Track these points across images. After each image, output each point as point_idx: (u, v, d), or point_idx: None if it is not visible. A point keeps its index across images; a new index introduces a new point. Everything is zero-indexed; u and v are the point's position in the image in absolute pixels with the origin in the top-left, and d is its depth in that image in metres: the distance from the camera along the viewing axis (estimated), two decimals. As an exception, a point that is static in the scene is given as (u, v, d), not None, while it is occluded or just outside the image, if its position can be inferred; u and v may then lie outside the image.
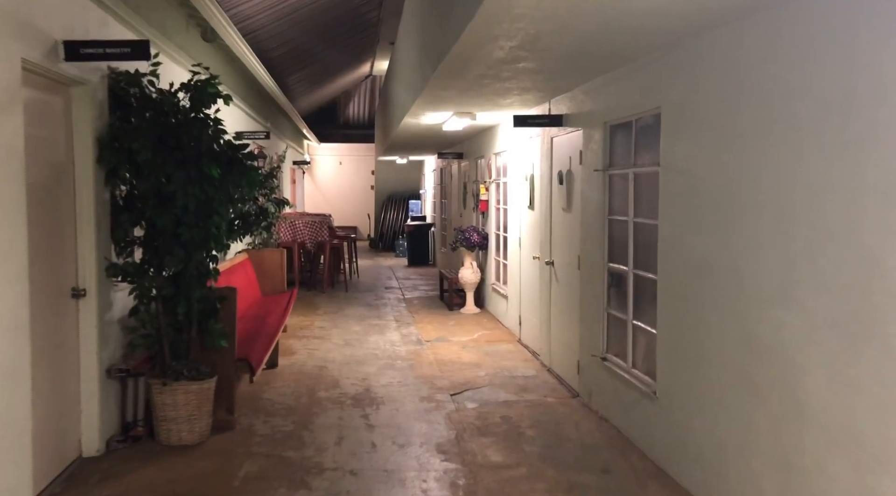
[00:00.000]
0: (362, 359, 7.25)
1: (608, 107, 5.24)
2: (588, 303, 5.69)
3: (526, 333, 7.88)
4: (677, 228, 4.17)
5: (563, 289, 6.43)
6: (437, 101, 6.79)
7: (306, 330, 8.66)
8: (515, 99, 6.53)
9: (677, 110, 4.17)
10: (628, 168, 4.95)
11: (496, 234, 9.59)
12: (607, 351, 5.38)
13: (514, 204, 8.39)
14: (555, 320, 6.71)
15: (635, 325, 4.88)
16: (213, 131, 4.78)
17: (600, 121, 5.38)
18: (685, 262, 4.07)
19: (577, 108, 5.95)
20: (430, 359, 7.23)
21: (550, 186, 6.76)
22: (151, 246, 4.67)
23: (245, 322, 6.70)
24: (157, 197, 4.50)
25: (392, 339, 8.20)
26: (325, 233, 11.96)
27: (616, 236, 5.26)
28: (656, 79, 4.43)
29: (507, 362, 7.13)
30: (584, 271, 5.77)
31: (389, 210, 21.45)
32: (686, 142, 4.07)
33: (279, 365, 6.84)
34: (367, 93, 22.91)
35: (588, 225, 5.67)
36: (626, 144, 5.06)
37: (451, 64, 4.93)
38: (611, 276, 5.35)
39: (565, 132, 6.31)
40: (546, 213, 6.90)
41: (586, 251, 5.72)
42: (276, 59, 13.01)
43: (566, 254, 6.32)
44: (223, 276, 6.76)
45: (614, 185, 5.28)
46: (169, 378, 4.60)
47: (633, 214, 4.88)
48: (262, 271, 8.43)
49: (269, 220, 8.38)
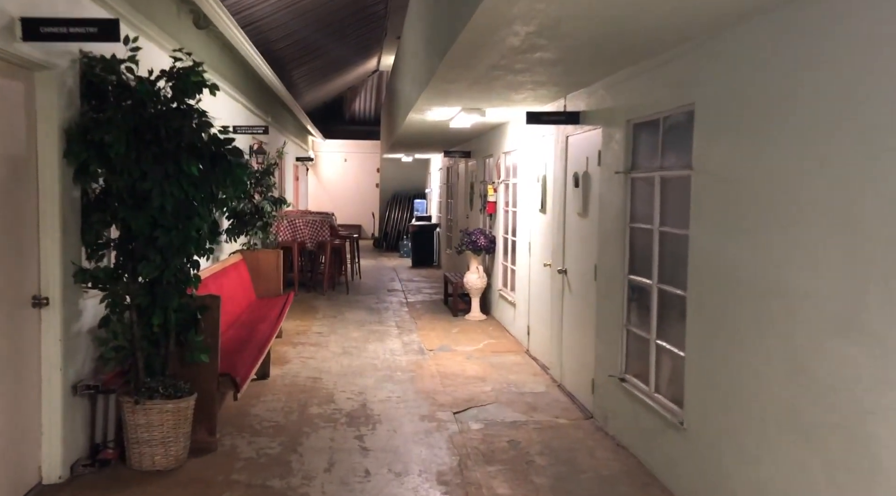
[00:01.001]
0: (360, 369, 6.79)
1: (632, 103, 4.77)
2: (605, 317, 5.22)
3: (535, 344, 7.41)
4: (712, 240, 3.70)
5: (577, 301, 5.96)
6: (444, 95, 6.33)
7: (303, 335, 8.21)
8: (529, 94, 6.06)
9: (714, 106, 3.69)
10: (654, 171, 4.48)
11: (504, 238, 9.12)
12: (626, 371, 4.91)
13: (524, 206, 7.93)
14: (567, 333, 6.24)
15: (659, 345, 4.41)
16: (198, 124, 4.33)
17: (622, 118, 4.90)
18: (722, 279, 3.60)
19: (596, 105, 5.48)
20: (432, 371, 6.77)
21: (564, 189, 6.29)
22: (126, 249, 4.23)
23: (235, 328, 6.26)
24: (132, 196, 4.06)
25: (392, 348, 7.74)
26: (326, 232, 11.52)
27: (638, 246, 4.79)
28: (689, 71, 3.95)
29: (514, 376, 6.67)
30: (602, 282, 5.30)
31: (394, 209, 21.01)
32: (725, 142, 3.59)
33: (271, 375, 6.40)
34: (373, 88, 22.46)
35: (606, 232, 5.20)
36: (651, 145, 4.58)
37: (460, 53, 4.46)
38: (631, 290, 4.88)
39: (582, 131, 5.84)
40: (559, 217, 6.43)
41: (604, 261, 5.25)
42: (279, 52, 12.57)
43: (581, 262, 5.85)
44: (213, 279, 6.33)
45: (637, 189, 4.81)
46: (142, 396, 4.16)
47: (659, 222, 4.41)
48: (257, 273, 7.99)
49: (266, 220, 7.93)
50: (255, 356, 5.32)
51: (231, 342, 5.65)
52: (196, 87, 4.36)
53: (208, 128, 4.37)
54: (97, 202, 4.20)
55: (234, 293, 6.93)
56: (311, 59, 14.71)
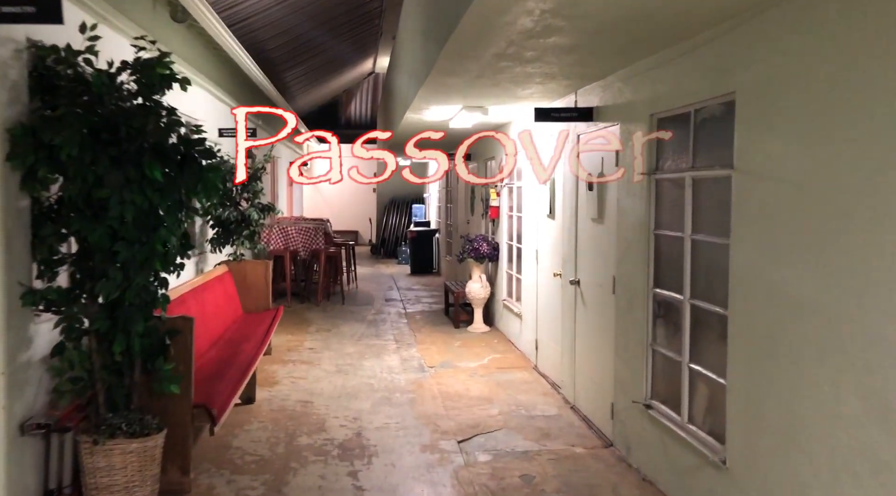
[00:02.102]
0: (355, 391, 6.25)
1: (656, 96, 4.25)
2: (626, 334, 4.69)
3: (544, 360, 6.88)
4: (761, 251, 3.17)
5: (593, 315, 5.43)
6: (444, 91, 5.80)
7: (294, 352, 7.67)
8: (536, 89, 5.54)
9: (761, 94, 3.17)
10: (684, 171, 3.95)
11: (508, 245, 8.59)
12: (652, 396, 4.38)
13: (530, 211, 7.40)
14: (581, 350, 5.70)
15: (693, 370, 3.88)
16: (167, 123, 3.80)
17: (644, 113, 4.38)
18: (773, 296, 3.07)
19: (612, 99, 4.96)
20: (433, 392, 6.23)
21: (576, 192, 5.76)
22: (85, 266, 3.69)
23: (218, 348, 5.73)
24: (88, 204, 3.52)
25: (391, 365, 7.20)
26: (320, 240, 10.98)
27: (665, 256, 4.27)
28: (730, 55, 3.43)
29: (523, 396, 6.13)
30: (621, 296, 4.77)
31: (392, 214, 20.48)
32: (775, 137, 3.07)
33: (257, 399, 5.85)
34: (369, 91, 21.97)
35: (627, 240, 4.67)
36: (680, 142, 4.06)
37: (463, 40, 3.95)
38: (657, 305, 4.35)
39: (596, 128, 5.31)
40: (570, 223, 5.90)
41: (624, 272, 4.72)
42: (270, 52, 12.06)
43: (597, 273, 5.32)
44: (194, 295, 5.79)
45: (664, 192, 4.29)
46: (102, 434, 3.61)
47: (691, 230, 3.88)
48: (244, 286, 7.45)
49: (253, 228, 7.39)
50: (237, 382, 4.78)
51: (211, 365, 5.12)
52: (165, 81, 3.83)
53: (178, 127, 3.85)
54: (50, 212, 3.66)
55: (217, 309, 6.39)
56: (305, 59, 14.20)
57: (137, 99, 3.73)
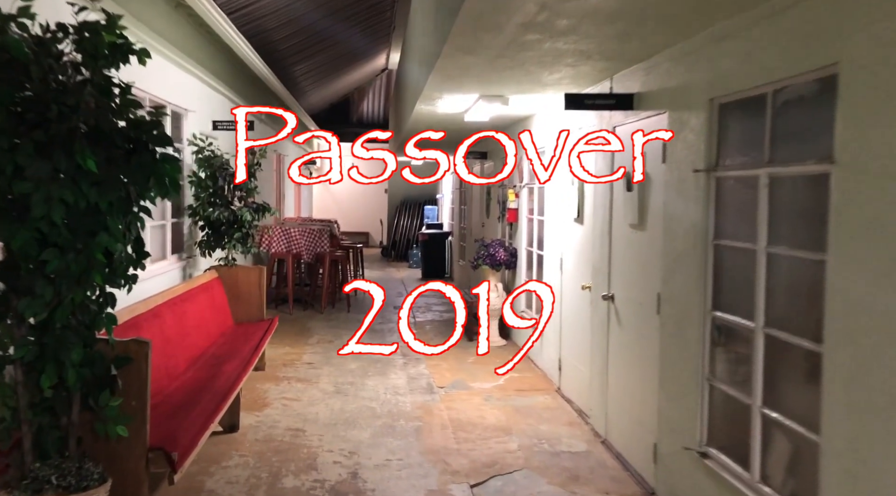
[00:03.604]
0: (354, 416, 5.50)
1: (718, 75, 3.47)
2: (674, 363, 3.91)
3: (568, 383, 6.10)
4: (874, 271, 2.39)
5: (630, 337, 4.65)
6: (458, 75, 5.05)
7: (290, 367, 6.94)
8: (566, 73, 4.77)
9: (878, 67, 2.39)
10: (758, 167, 3.17)
11: (528, 251, 7.81)
12: (709, 442, 3.59)
13: (553, 215, 6.62)
14: (615, 375, 4.92)
15: (768, 417, 3.09)
16: (121, 103, 3.08)
17: (702, 97, 3.60)
18: (893, 330, 2.29)
19: (658, 83, 4.18)
20: (442, 419, 5.47)
21: (610, 194, 4.99)
22: (11, 278, 2.97)
23: (196, 368, 5.01)
24: (8, 202, 2.81)
25: (396, 384, 6.45)
26: (324, 242, 10.26)
27: (729, 272, 3.49)
28: (828, 17, 2.65)
29: (545, 426, 5.35)
30: (669, 317, 3.99)
31: (403, 216, 19.74)
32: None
33: (241, 426, 5.12)
34: (381, 88, 21.24)
35: (676, 251, 3.89)
36: (752, 131, 3.28)
37: (481, 6, 3.20)
38: (717, 331, 3.57)
39: (636, 118, 4.54)
40: (603, 229, 5.12)
41: (673, 289, 3.94)
42: (278, 43, 11.37)
43: (636, 288, 4.55)
44: (171, 306, 5.08)
45: (726, 193, 3.51)
46: (26, 489, 2.89)
47: (767, 240, 3.10)
48: (235, 294, 6.73)
49: (245, 230, 6.67)
50: (210, 414, 4.05)
51: (183, 391, 4.39)
52: (117, 52, 3.11)
53: (134, 109, 3.12)
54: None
55: (201, 321, 5.68)
56: (314, 53, 13.50)
57: (81, 73, 3.02)
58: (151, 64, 5.87)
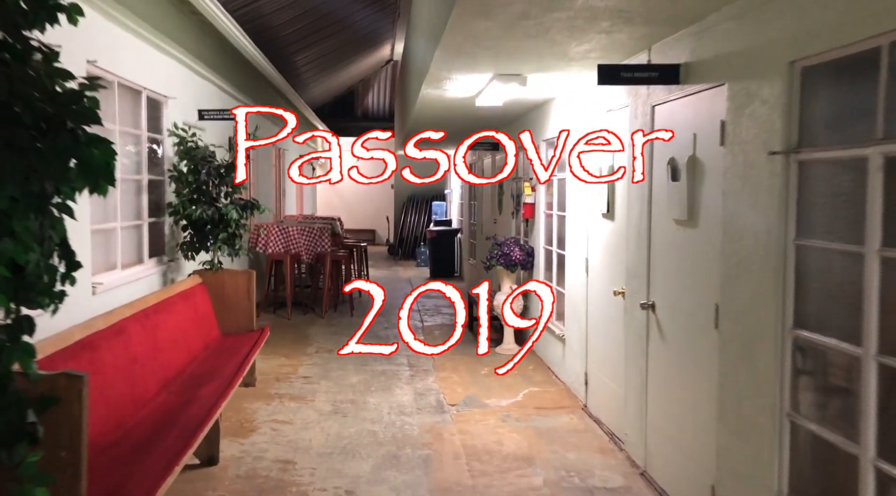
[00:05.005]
0: (353, 443, 4.80)
1: (803, 31, 2.73)
2: (739, 391, 3.18)
3: (596, 400, 5.38)
4: None
5: (677, 354, 3.93)
6: (470, 47, 4.32)
7: (284, 382, 6.24)
8: (598, 42, 4.04)
9: None
10: (866, 144, 2.43)
11: (546, 250, 7.09)
12: (790, 492, 2.87)
13: (577, 209, 5.89)
14: (656, 397, 4.20)
15: (885, 472, 2.36)
16: (45, 72, 2.38)
17: (779, 61, 2.87)
18: None
19: (713, 49, 3.45)
20: (455, 446, 4.76)
21: (650, 184, 4.25)
22: None
23: (169, 391, 4.34)
24: None
25: (402, 402, 5.75)
26: (325, 242, 9.56)
27: (817, 281, 2.76)
28: None
29: (573, 454, 4.64)
30: (732, 334, 3.27)
31: (411, 212, 19.03)
32: None
33: (221, 458, 4.41)
34: (387, 80, 20.53)
35: (741, 253, 3.16)
36: (854, 100, 2.55)
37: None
38: (802, 355, 2.84)
39: (682, 94, 3.81)
40: (640, 225, 4.39)
41: (737, 299, 3.21)
42: (277, 29, 10.67)
43: (685, 296, 3.82)
44: (141, 319, 4.41)
45: (812, 179, 2.78)
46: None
47: (882, 241, 2.37)
48: (222, 301, 6.05)
49: (232, 230, 5.97)
50: (178, 452, 3.35)
51: (147, 423, 3.70)
52: (44, 10, 2.41)
53: (63, 79, 2.41)
54: None
55: (180, 335, 4.99)
56: (316, 41, 12.79)
57: None
58: (123, 43, 5.15)
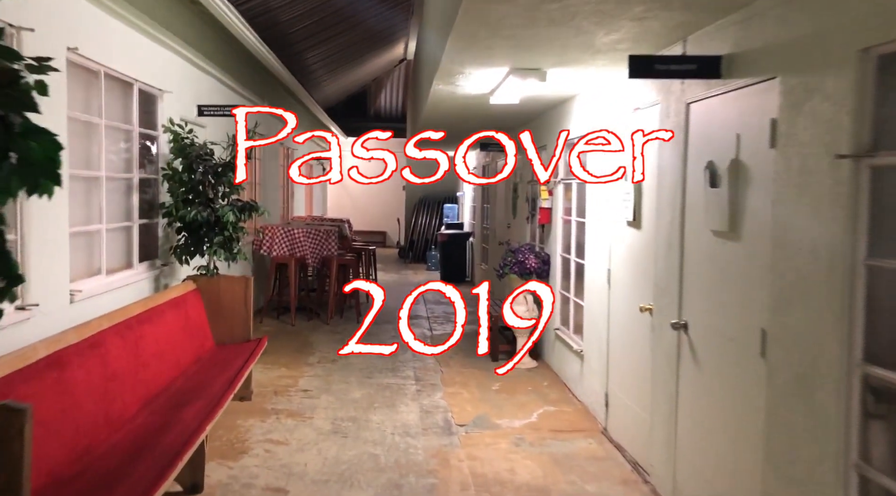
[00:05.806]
0: (352, 468, 4.40)
1: (876, 13, 2.31)
2: (792, 431, 2.76)
3: (618, 424, 4.95)
4: None
5: (713, 380, 3.50)
6: (486, 36, 3.91)
7: (282, 396, 5.86)
8: (628, 32, 3.63)
9: None
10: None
11: (564, 259, 6.67)
12: (856, 557, 2.44)
13: (598, 216, 5.47)
14: (687, 426, 3.78)
15: None
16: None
17: (847, 49, 2.45)
18: None
19: (762, 38, 3.03)
20: (463, 475, 4.36)
21: (682, 190, 3.83)
22: None
23: (151, 410, 3.97)
24: None
25: (406, 421, 5.35)
26: (332, 245, 9.19)
27: (894, 310, 2.33)
28: None
29: (593, 486, 4.22)
30: (782, 364, 2.84)
31: (422, 214, 18.62)
32: None
33: (206, 485, 4.03)
34: (400, 80, 20.17)
35: (795, 272, 2.74)
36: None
37: None
38: (873, 395, 2.41)
39: (723, 89, 3.38)
40: (671, 236, 3.97)
41: (790, 325, 2.78)
42: (286, 24, 10.33)
43: (724, 318, 3.39)
44: (122, 331, 4.04)
45: (888, 190, 2.35)
46: None
47: None
48: (217, 309, 5.69)
49: (228, 233, 5.60)
50: (148, 487, 2.96)
51: (121, 449, 3.33)
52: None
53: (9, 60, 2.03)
54: None
55: (168, 347, 4.63)
56: (327, 38, 12.44)
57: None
58: (111, 30, 4.77)
